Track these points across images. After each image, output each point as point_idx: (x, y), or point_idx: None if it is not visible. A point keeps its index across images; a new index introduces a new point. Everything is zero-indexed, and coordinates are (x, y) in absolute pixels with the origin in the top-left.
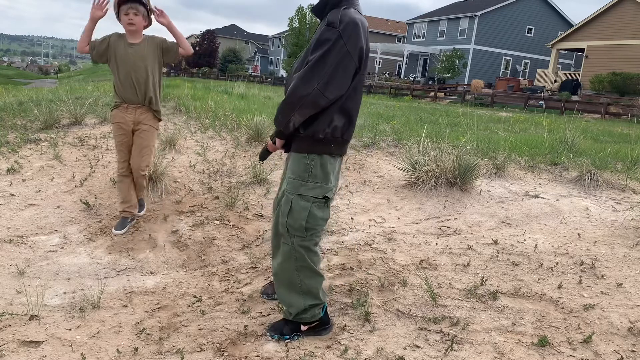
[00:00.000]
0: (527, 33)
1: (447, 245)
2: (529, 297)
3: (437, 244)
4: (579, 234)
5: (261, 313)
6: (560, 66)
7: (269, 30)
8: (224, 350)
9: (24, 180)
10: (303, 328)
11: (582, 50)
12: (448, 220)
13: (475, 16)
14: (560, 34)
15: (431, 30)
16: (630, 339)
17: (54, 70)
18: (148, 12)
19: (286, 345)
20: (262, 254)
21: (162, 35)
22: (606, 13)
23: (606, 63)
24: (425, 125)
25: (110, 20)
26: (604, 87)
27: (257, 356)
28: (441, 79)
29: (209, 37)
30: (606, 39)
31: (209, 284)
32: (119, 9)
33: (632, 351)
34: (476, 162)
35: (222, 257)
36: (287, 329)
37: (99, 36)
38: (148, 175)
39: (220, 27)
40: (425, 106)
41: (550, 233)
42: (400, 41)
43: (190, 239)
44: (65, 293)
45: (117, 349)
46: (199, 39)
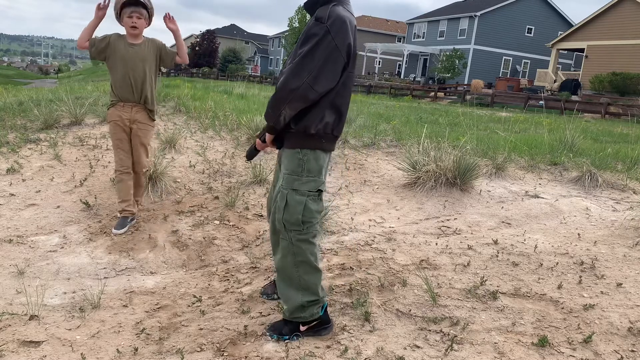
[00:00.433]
0: (527, 33)
1: (447, 245)
2: (529, 297)
3: (437, 244)
4: (579, 234)
5: (261, 313)
6: (560, 66)
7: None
8: (224, 350)
9: (24, 180)
10: (302, 328)
11: (582, 50)
12: (448, 220)
13: (475, 16)
14: (560, 34)
15: (431, 30)
16: (630, 339)
17: (54, 70)
18: (149, 14)
19: (286, 345)
20: (262, 254)
21: (159, 37)
22: (606, 13)
23: (606, 63)
24: (425, 125)
25: (109, 19)
26: (604, 87)
27: (257, 356)
28: (441, 79)
29: (209, 37)
30: (606, 39)
31: (209, 284)
32: (121, 11)
33: (632, 351)
34: (476, 162)
35: (222, 257)
36: (287, 330)
37: (99, 35)
38: (148, 174)
39: (220, 27)
40: (425, 106)
41: (550, 233)
42: (400, 41)
43: (190, 239)
44: (65, 293)
45: (117, 349)
46: (199, 39)
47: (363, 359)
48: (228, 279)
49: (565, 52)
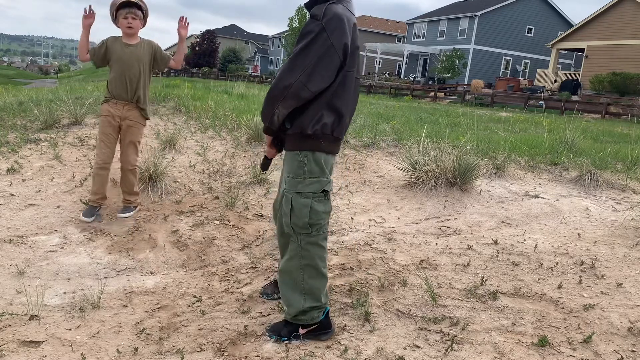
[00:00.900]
0: (527, 33)
1: (447, 245)
2: (529, 297)
3: (437, 244)
4: (579, 234)
5: (261, 313)
6: (560, 66)
7: (269, 30)
8: (224, 350)
9: (24, 180)
10: (302, 331)
11: (582, 50)
12: (448, 220)
13: (475, 16)
14: (560, 34)
15: (431, 30)
16: (630, 339)
17: (54, 70)
18: (144, 15)
19: (286, 345)
20: (262, 254)
21: (157, 37)
22: (606, 13)
23: (606, 63)
24: (425, 125)
25: (106, 21)
26: (604, 87)
27: (257, 356)
28: (441, 79)
29: (209, 37)
30: (606, 39)
31: (209, 284)
32: (116, 12)
33: (632, 351)
34: (476, 162)
35: (222, 257)
36: (286, 331)
37: (96, 39)
38: (139, 171)
39: (220, 27)
40: (425, 106)
41: (550, 233)
42: (400, 41)
43: (190, 239)
44: (65, 293)
45: (117, 349)
46: (199, 39)
47: (363, 359)
48: (228, 279)
49: (565, 52)
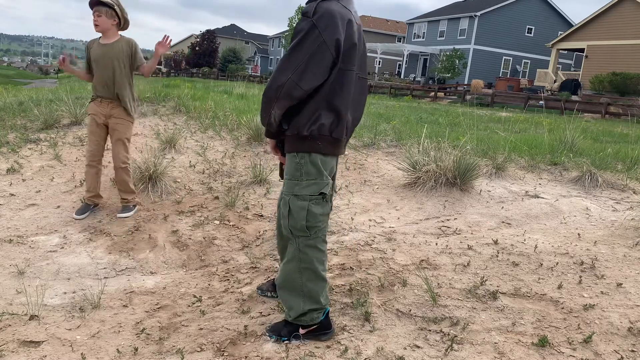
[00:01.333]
0: (527, 33)
1: (447, 245)
2: (529, 297)
3: (437, 244)
4: (579, 234)
5: (261, 313)
6: (560, 66)
7: (269, 30)
8: (224, 350)
9: (24, 180)
10: (302, 331)
11: (582, 50)
12: (448, 220)
13: (475, 16)
14: (560, 34)
15: (431, 30)
16: (630, 339)
17: (54, 70)
18: (116, 12)
19: (286, 345)
20: (262, 254)
21: (160, 35)
22: (606, 13)
23: (606, 63)
24: (425, 125)
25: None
26: (604, 87)
27: (257, 356)
28: (441, 79)
29: (209, 37)
30: (606, 39)
31: (209, 284)
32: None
33: (632, 351)
34: (476, 162)
35: (222, 257)
36: (286, 331)
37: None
38: (130, 169)
39: (220, 27)
40: (425, 106)
41: (550, 233)
42: (400, 41)
43: (190, 239)
44: (65, 293)
45: (117, 349)
46: (199, 39)
47: (363, 359)
48: (228, 279)
49: (565, 52)
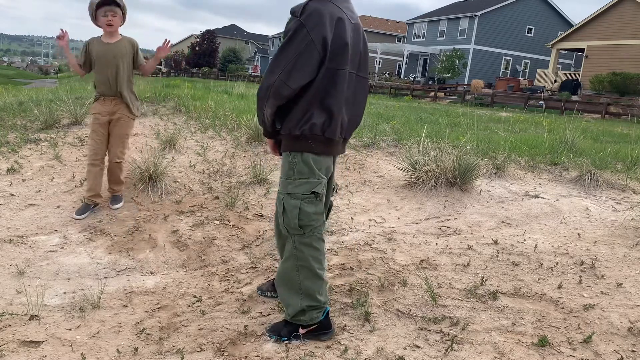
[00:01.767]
0: (527, 33)
1: (447, 245)
2: (529, 297)
3: (437, 244)
4: (579, 234)
5: (261, 313)
6: (560, 66)
7: (269, 30)
8: (224, 350)
9: (24, 180)
10: (301, 331)
11: (582, 50)
12: (448, 220)
13: (475, 16)
14: (560, 34)
15: (431, 30)
16: (630, 339)
17: (54, 70)
18: (123, 12)
19: (286, 345)
20: (262, 254)
21: (163, 37)
22: (606, 13)
23: (606, 63)
24: (425, 125)
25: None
26: (604, 87)
27: (257, 356)
28: (441, 79)
29: (209, 37)
30: (606, 39)
31: (209, 284)
32: (96, 12)
33: (632, 351)
34: (476, 162)
35: (222, 257)
36: (286, 331)
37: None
38: (125, 165)
39: (220, 27)
40: (425, 106)
41: (550, 233)
42: (400, 41)
43: (190, 239)
44: (65, 293)
45: (117, 349)
46: (199, 39)
47: (363, 359)
48: (228, 279)
49: (565, 52)
